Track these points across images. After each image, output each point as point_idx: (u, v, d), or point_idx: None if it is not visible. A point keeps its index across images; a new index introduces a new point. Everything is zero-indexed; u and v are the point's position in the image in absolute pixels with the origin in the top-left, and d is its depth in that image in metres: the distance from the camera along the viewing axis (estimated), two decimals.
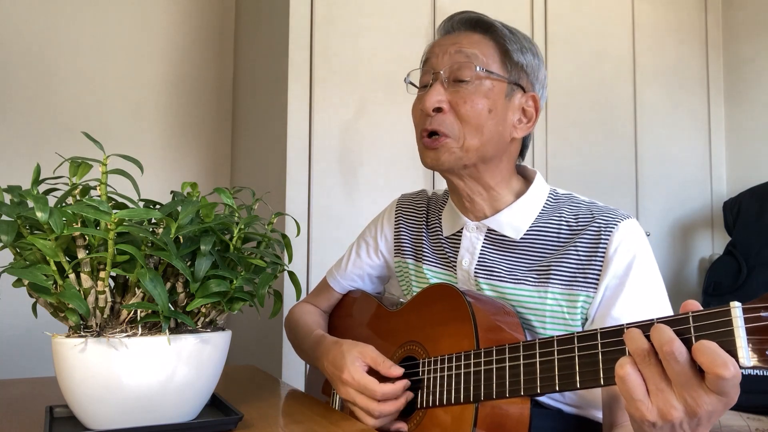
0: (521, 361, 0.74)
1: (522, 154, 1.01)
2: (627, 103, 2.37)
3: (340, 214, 1.77)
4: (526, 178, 1.00)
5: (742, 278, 2.24)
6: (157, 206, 0.79)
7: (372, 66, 1.84)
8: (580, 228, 0.90)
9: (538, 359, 0.73)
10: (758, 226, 2.31)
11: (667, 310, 0.86)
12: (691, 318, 0.59)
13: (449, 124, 0.91)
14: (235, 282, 0.76)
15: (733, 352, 0.55)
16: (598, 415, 0.90)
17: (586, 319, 0.87)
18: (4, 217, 0.69)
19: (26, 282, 0.70)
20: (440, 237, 1.03)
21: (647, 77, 2.43)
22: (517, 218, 0.94)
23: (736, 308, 0.56)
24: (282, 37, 1.76)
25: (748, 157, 2.59)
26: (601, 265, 0.86)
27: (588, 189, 2.23)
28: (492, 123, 0.91)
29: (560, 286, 0.88)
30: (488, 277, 0.94)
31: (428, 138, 0.92)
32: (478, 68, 0.90)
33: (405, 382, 0.86)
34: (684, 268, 2.53)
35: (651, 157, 2.41)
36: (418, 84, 0.99)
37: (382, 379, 0.86)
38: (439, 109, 0.91)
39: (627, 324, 0.64)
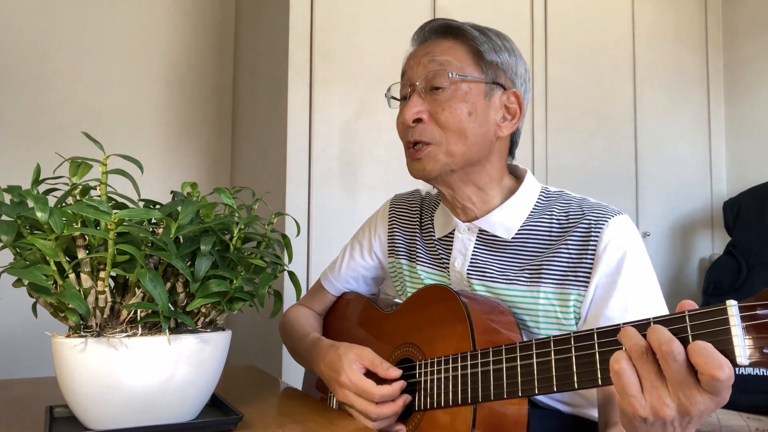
0: (518, 362, 0.74)
1: (512, 151, 1.00)
2: (627, 103, 2.37)
3: (340, 214, 1.77)
4: (516, 176, 1.00)
5: (743, 278, 2.24)
6: (157, 206, 0.79)
7: (372, 66, 1.84)
8: (570, 225, 0.90)
9: (535, 360, 0.72)
10: (758, 226, 2.31)
11: (662, 308, 0.85)
12: (687, 317, 0.58)
13: (430, 132, 0.91)
14: (235, 282, 0.76)
15: (729, 350, 0.55)
16: (595, 414, 0.89)
17: (579, 319, 0.86)
18: (4, 217, 0.69)
19: (26, 282, 0.70)
20: (433, 238, 1.03)
21: (647, 77, 2.43)
22: (508, 218, 0.94)
23: (732, 306, 0.55)
24: (282, 37, 1.76)
25: (748, 157, 2.59)
26: (591, 263, 0.85)
27: (588, 189, 2.23)
28: (474, 125, 0.91)
29: (552, 286, 0.87)
30: (481, 278, 0.93)
31: (413, 149, 0.93)
32: (451, 74, 0.90)
33: (401, 383, 0.85)
34: (684, 268, 2.53)
35: (651, 157, 2.41)
36: (399, 97, 0.99)
37: (380, 381, 0.86)
38: (419, 120, 0.91)
39: (623, 323, 0.64)
